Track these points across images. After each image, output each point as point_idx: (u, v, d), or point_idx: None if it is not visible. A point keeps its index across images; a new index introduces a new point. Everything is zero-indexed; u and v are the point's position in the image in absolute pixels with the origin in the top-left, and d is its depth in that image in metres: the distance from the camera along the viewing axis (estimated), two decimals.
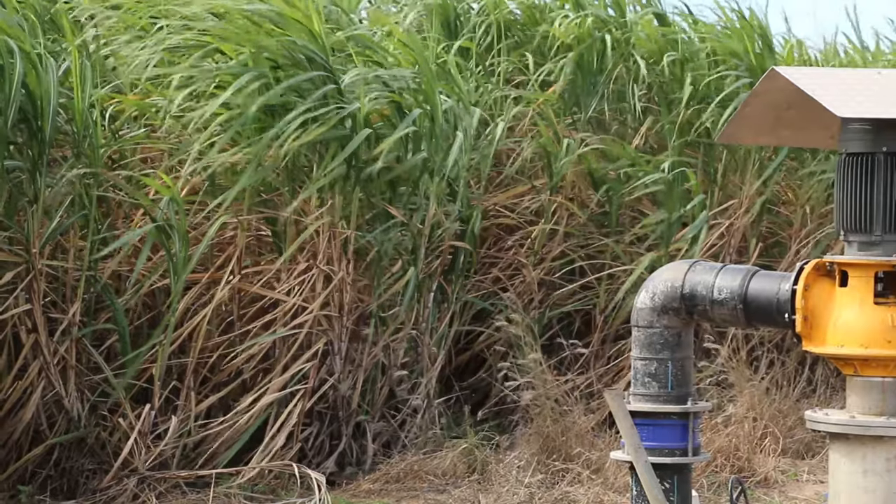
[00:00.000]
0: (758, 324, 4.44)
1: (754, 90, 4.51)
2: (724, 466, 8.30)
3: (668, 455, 4.47)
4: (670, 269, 4.56)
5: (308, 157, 7.90)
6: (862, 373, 4.16)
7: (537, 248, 9.20)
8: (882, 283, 4.12)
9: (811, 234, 10.16)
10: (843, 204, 4.16)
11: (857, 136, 4.12)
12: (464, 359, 9.38)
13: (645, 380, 4.51)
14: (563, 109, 9.54)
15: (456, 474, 7.87)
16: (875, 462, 4.11)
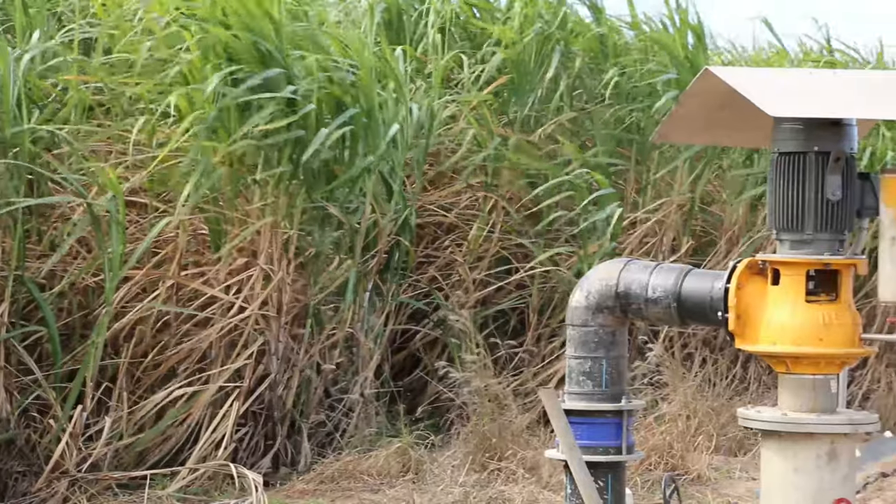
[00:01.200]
0: (692, 322, 4.47)
1: (688, 90, 4.54)
2: (657, 464, 8.35)
3: (602, 453, 4.49)
4: (605, 268, 4.58)
5: (254, 154, 7.86)
6: (794, 370, 4.20)
7: (473, 247, 9.21)
8: (813, 282, 4.17)
9: (742, 233, 10.24)
10: (775, 203, 4.19)
11: (788, 135, 4.15)
12: (400, 358, 9.37)
13: (580, 378, 4.53)
14: (499, 108, 9.56)
15: (391, 474, 7.85)
16: (806, 459, 4.14)
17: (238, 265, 7.83)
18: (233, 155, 7.67)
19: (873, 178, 4.15)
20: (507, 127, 9.51)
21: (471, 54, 9.62)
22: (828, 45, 12.30)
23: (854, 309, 4.20)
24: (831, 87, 4.32)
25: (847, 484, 4.19)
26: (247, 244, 7.86)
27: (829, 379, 4.20)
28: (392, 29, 9.67)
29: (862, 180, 4.16)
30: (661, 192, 9.92)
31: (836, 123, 4.11)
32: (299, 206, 7.91)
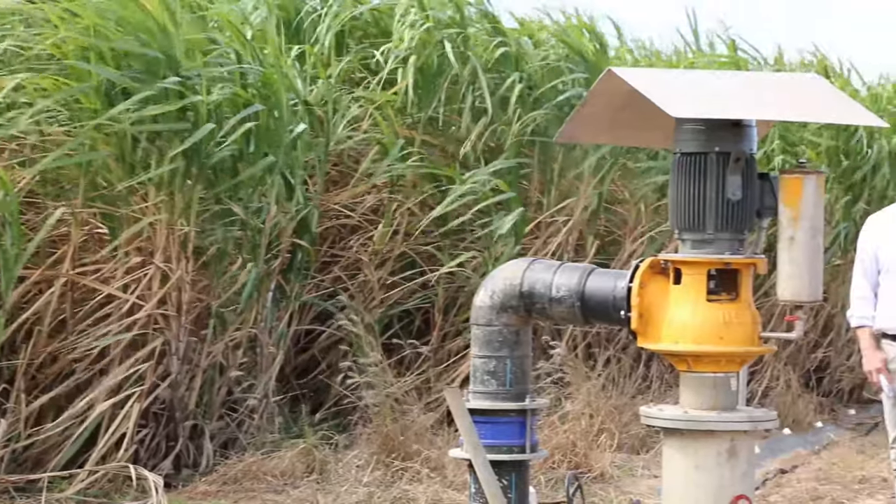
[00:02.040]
0: (595, 321, 4.49)
1: (591, 90, 4.56)
2: (561, 462, 8.39)
3: (506, 452, 4.50)
4: (509, 268, 4.59)
5: (147, 150, 7.76)
6: (695, 369, 4.23)
7: (378, 248, 9.19)
8: (714, 281, 4.20)
9: (646, 232, 10.34)
10: (677, 203, 4.22)
11: (690, 136, 4.19)
12: (304, 358, 9.32)
13: (484, 378, 4.53)
14: (403, 111, 9.54)
15: (294, 474, 7.81)
16: (707, 456, 4.18)
17: (135, 263, 7.73)
18: (125, 148, 7.56)
19: (772, 178, 4.20)
20: (412, 129, 9.50)
21: (372, 56, 9.59)
22: (731, 47, 12.46)
23: (754, 308, 4.25)
24: (731, 88, 4.37)
25: (746, 480, 4.23)
26: (144, 242, 7.76)
27: (729, 377, 4.25)
28: (290, 28, 9.62)
29: (761, 180, 4.21)
30: (565, 193, 9.97)
31: (737, 124, 4.15)
32: (196, 204, 7.82)
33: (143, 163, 7.76)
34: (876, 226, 6.80)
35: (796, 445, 10.46)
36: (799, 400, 11.40)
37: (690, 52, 12.31)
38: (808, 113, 4.48)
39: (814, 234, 4.14)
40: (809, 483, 8.88)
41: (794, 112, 4.28)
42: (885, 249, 6.66)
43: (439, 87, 9.46)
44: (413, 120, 9.54)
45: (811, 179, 4.13)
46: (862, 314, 6.73)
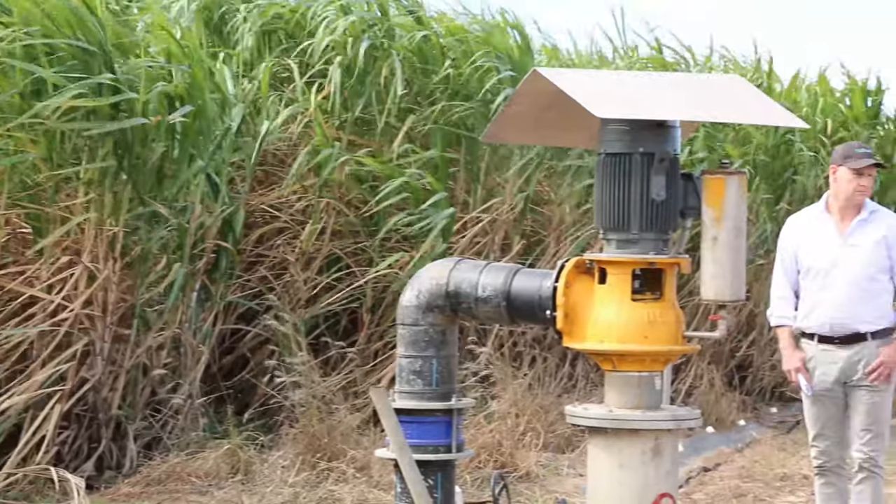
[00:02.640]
0: (521, 321, 4.50)
1: (517, 91, 4.57)
2: (487, 462, 8.41)
3: (432, 452, 4.50)
4: (435, 268, 4.59)
5: (78, 149, 7.67)
6: (620, 368, 4.26)
7: (306, 248, 9.15)
8: (639, 281, 4.23)
9: (571, 232, 10.38)
10: (602, 203, 4.25)
11: (615, 136, 4.21)
12: (230, 359, 9.26)
13: (410, 377, 4.53)
14: (332, 111, 9.51)
15: (219, 475, 7.76)
16: (631, 455, 4.21)
17: (62, 263, 7.64)
18: (52, 147, 7.47)
19: (696, 178, 4.23)
20: (339, 129, 9.47)
21: (297, 56, 9.55)
22: (657, 47, 12.55)
23: (678, 307, 4.28)
24: (656, 89, 4.40)
25: (670, 479, 4.27)
26: (71, 242, 7.68)
27: (653, 376, 4.28)
28: (213, 29, 9.55)
29: (685, 181, 4.24)
30: (491, 193, 9.99)
31: (661, 125, 4.18)
32: (126, 203, 7.75)
33: (71, 162, 7.68)
34: (796, 227, 6.88)
35: (719, 443, 10.55)
36: (722, 398, 11.50)
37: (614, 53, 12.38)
38: (730, 114, 4.52)
39: (737, 234, 4.18)
40: (732, 481, 8.97)
41: (716, 113, 4.33)
42: (804, 250, 6.74)
43: (366, 86, 9.45)
44: (340, 120, 9.51)
45: (733, 180, 4.17)
46: (781, 314, 6.81)
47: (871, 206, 6.73)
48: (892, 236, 6.64)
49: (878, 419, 6.60)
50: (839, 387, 6.64)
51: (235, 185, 8.92)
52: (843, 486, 6.77)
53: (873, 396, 6.59)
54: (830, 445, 6.71)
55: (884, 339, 6.61)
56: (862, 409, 6.60)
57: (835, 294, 6.60)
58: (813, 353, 6.68)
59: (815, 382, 6.66)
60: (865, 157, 6.64)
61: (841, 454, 6.75)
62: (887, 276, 6.65)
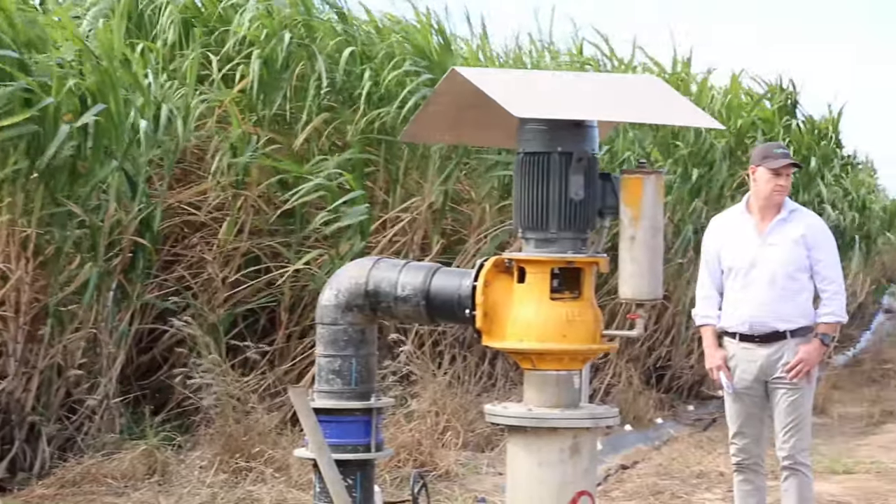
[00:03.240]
0: (440, 320, 4.50)
1: (436, 90, 4.57)
2: (407, 461, 8.40)
3: (351, 451, 4.48)
4: (354, 267, 4.57)
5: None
6: (539, 367, 4.27)
7: (223, 246, 9.08)
8: (558, 280, 4.24)
9: (490, 231, 10.40)
10: (520, 202, 4.25)
11: (533, 135, 4.22)
12: (146, 359, 9.17)
13: (329, 377, 4.51)
14: (249, 107, 9.45)
15: (136, 476, 7.68)
16: (550, 453, 4.22)
17: None
18: None
19: (614, 178, 4.25)
20: (257, 126, 9.41)
21: (216, 51, 9.47)
22: (579, 48, 12.62)
23: (596, 306, 4.30)
24: (574, 89, 4.41)
25: (589, 476, 4.28)
26: None
27: (572, 374, 4.29)
28: (132, 22, 9.45)
29: (603, 180, 4.26)
30: (411, 192, 9.98)
31: (579, 125, 4.19)
32: (38, 204, 7.64)
33: None
34: (718, 227, 6.95)
35: (637, 441, 10.64)
36: (640, 397, 11.59)
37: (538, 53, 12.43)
38: (647, 114, 4.55)
39: (654, 234, 4.20)
40: (650, 478, 9.04)
41: (633, 113, 4.35)
42: (727, 251, 6.81)
43: (284, 82, 9.40)
44: (259, 117, 9.45)
45: (651, 179, 4.19)
46: (705, 313, 6.88)
47: (790, 205, 6.82)
48: (811, 235, 6.73)
49: (798, 416, 6.69)
50: (760, 385, 6.72)
51: (153, 183, 8.83)
52: (762, 484, 6.85)
53: (793, 394, 6.67)
54: (750, 443, 6.78)
55: (803, 338, 6.70)
56: (783, 407, 6.68)
57: (754, 293, 6.68)
58: (734, 352, 6.76)
59: (735, 380, 6.74)
60: (783, 157, 6.72)
61: (760, 452, 6.83)
62: (807, 275, 6.73)
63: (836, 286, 6.76)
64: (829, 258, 6.76)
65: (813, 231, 6.75)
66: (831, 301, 6.75)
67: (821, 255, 6.72)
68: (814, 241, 6.73)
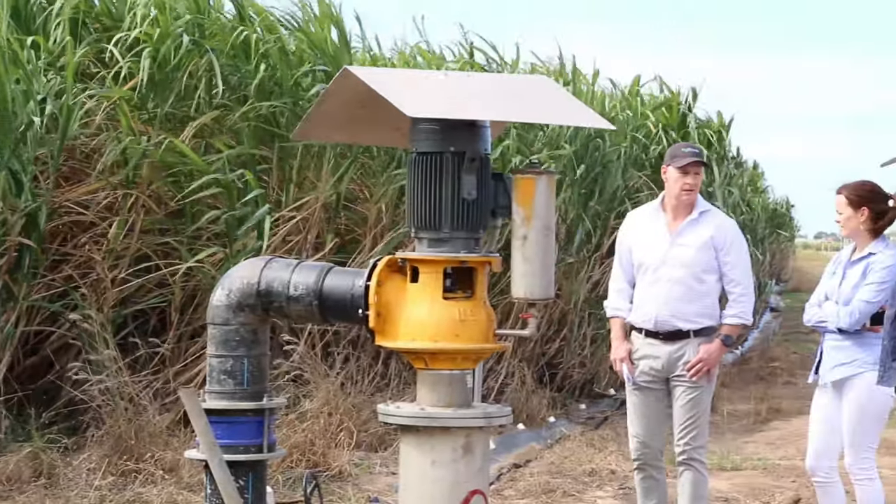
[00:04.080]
0: (333, 320, 4.49)
1: (328, 89, 4.55)
2: (299, 461, 8.37)
3: (243, 452, 4.45)
4: (246, 266, 4.54)
5: None
6: (432, 366, 4.27)
7: (113, 246, 8.96)
8: (451, 279, 4.25)
9: (385, 231, 10.39)
10: (413, 202, 4.25)
11: (426, 135, 4.22)
12: (34, 361, 9.00)
13: (221, 377, 4.47)
14: (140, 104, 9.33)
15: (21, 479, 7.54)
16: (443, 452, 4.23)
17: None
18: None
19: (506, 178, 4.27)
20: (148, 124, 9.30)
21: (107, 49, 9.34)
22: (470, 49, 12.65)
23: (489, 306, 4.32)
24: (466, 89, 4.42)
25: (482, 475, 4.30)
26: None
27: (465, 374, 4.30)
28: (19, 18, 9.28)
29: (496, 180, 4.27)
30: (304, 190, 9.93)
31: (471, 125, 4.21)
32: None
33: None
34: (632, 223, 7.04)
35: (530, 440, 10.70)
36: (533, 396, 11.66)
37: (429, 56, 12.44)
38: (539, 114, 4.58)
39: (546, 233, 4.23)
40: (542, 477, 9.10)
41: (525, 113, 4.37)
42: (638, 247, 6.91)
43: (176, 80, 9.29)
44: (149, 115, 9.34)
45: (543, 180, 4.22)
46: (615, 305, 6.98)
47: (702, 205, 6.91)
48: (720, 237, 6.82)
49: (697, 414, 6.79)
50: (661, 381, 6.82)
51: (39, 181, 8.68)
52: (662, 479, 6.95)
53: (693, 392, 6.77)
54: (650, 439, 6.87)
55: (706, 338, 6.80)
56: (682, 405, 6.78)
57: (661, 291, 6.78)
58: (639, 346, 6.86)
59: (638, 375, 6.83)
60: (691, 156, 6.82)
61: (660, 448, 6.92)
62: (714, 277, 6.83)
63: (743, 288, 6.86)
64: (738, 260, 6.86)
65: (722, 232, 6.84)
66: (737, 303, 6.86)
67: (729, 258, 6.82)
68: (723, 243, 6.82)
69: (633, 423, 6.93)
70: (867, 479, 6.64)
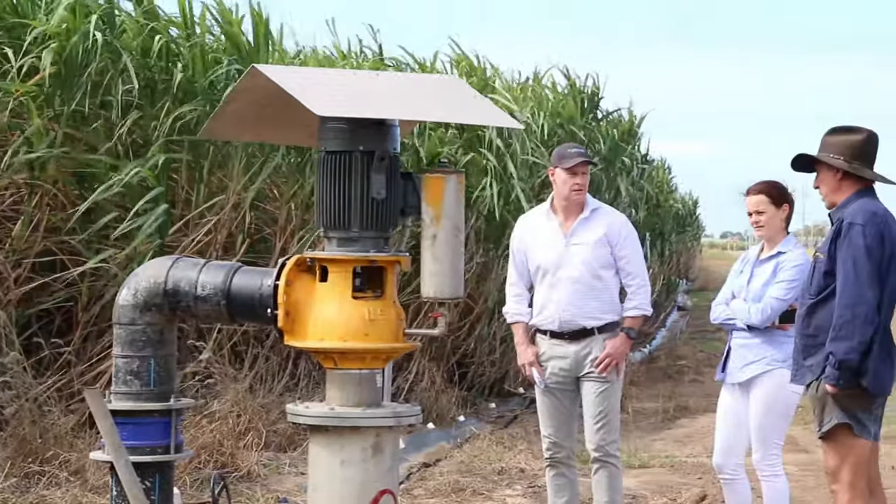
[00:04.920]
0: (242, 319, 4.47)
1: (236, 87, 4.52)
2: (207, 462, 8.30)
3: (149, 453, 4.42)
4: (153, 266, 4.50)
5: None
6: (341, 366, 4.27)
7: (16, 245, 8.82)
8: (360, 279, 4.25)
9: (297, 231, 10.34)
10: (322, 201, 4.24)
11: (334, 134, 4.22)
12: None
13: (127, 378, 4.43)
14: (46, 102, 9.19)
15: None
16: (352, 452, 4.22)
17: None
18: None
19: (415, 177, 4.28)
20: (54, 122, 9.17)
21: (11, 45, 9.18)
22: (379, 51, 12.63)
23: (399, 305, 4.32)
24: (375, 88, 4.42)
25: (391, 475, 4.30)
26: None
27: (374, 373, 4.30)
28: None
29: (405, 180, 4.28)
30: (214, 191, 9.86)
31: (380, 124, 4.21)
32: None
33: None
34: (524, 227, 7.08)
35: (440, 439, 10.72)
36: (442, 395, 11.69)
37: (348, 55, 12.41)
38: (448, 114, 4.59)
39: (455, 233, 4.24)
40: (452, 476, 9.12)
41: (435, 113, 4.38)
42: (533, 251, 6.95)
43: (84, 78, 9.16)
44: (56, 112, 9.20)
45: (452, 179, 4.23)
46: (516, 311, 7.01)
47: (592, 204, 6.98)
48: (613, 234, 6.89)
49: (608, 410, 6.86)
50: (570, 380, 6.88)
51: None
52: (574, 477, 7.00)
53: (602, 388, 6.83)
54: (561, 438, 6.92)
55: (611, 333, 6.87)
56: (592, 401, 6.84)
57: (562, 292, 6.83)
58: (545, 349, 6.91)
59: (547, 376, 6.88)
60: (578, 156, 6.87)
61: (571, 446, 6.98)
62: (612, 272, 6.90)
63: (640, 280, 6.95)
64: (632, 254, 6.94)
65: (615, 228, 6.92)
66: (636, 295, 6.94)
67: (624, 252, 6.90)
68: (616, 238, 6.90)
69: (544, 424, 6.98)
70: (773, 476, 6.74)
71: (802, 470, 9.58)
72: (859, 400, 5.73)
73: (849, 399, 5.70)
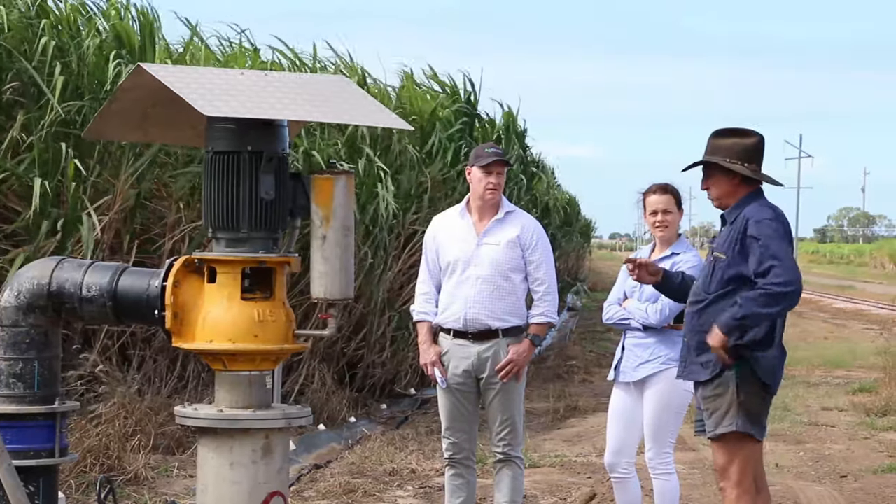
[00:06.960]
0: (129, 321, 4.42)
1: (121, 86, 4.47)
2: (94, 466, 8.19)
3: (33, 457, 4.35)
4: (37, 267, 4.44)
5: None
6: (230, 367, 4.24)
7: None
8: (249, 280, 4.22)
9: (185, 230, 10.24)
10: (210, 201, 4.21)
11: (222, 134, 4.19)
12: None
13: (10, 381, 4.37)
14: None
15: None
16: (242, 454, 4.20)
17: None
18: None
19: (305, 178, 4.26)
20: None
21: None
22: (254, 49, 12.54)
23: (288, 306, 4.30)
24: (264, 88, 4.39)
25: (281, 476, 4.28)
26: None
27: (264, 375, 4.28)
28: None
29: (294, 180, 4.26)
30: (101, 190, 9.71)
31: (269, 124, 4.19)
32: None
33: None
34: (438, 226, 7.09)
35: (330, 441, 10.69)
36: (333, 396, 11.66)
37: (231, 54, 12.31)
38: (337, 114, 4.58)
39: (345, 234, 4.24)
40: (343, 477, 9.10)
41: (323, 113, 4.37)
42: (444, 249, 6.96)
43: None
44: None
45: (341, 180, 4.22)
46: (422, 310, 7.01)
47: (507, 206, 7.01)
48: (526, 237, 6.93)
49: (511, 412, 6.88)
50: (472, 381, 6.89)
51: None
52: (472, 479, 7.02)
53: (504, 391, 6.85)
54: (461, 438, 6.93)
55: (515, 338, 6.89)
56: (495, 404, 6.87)
57: (469, 290, 6.85)
58: (448, 347, 6.91)
59: (449, 375, 6.88)
60: (493, 155, 6.91)
61: (471, 447, 7.00)
62: (521, 276, 6.93)
63: (548, 286, 6.98)
64: (543, 260, 6.98)
65: (528, 232, 6.95)
66: (543, 301, 6.97)
67: (534, 257, 6.93)
68: (528, 242, 6.93)
69: (445, 424, 6.99)
70: (666, 473, 6.82)
71: (689, 468, 9.72)
72: (761, 399, 5.78)
73: (750, 398, 5.73)
